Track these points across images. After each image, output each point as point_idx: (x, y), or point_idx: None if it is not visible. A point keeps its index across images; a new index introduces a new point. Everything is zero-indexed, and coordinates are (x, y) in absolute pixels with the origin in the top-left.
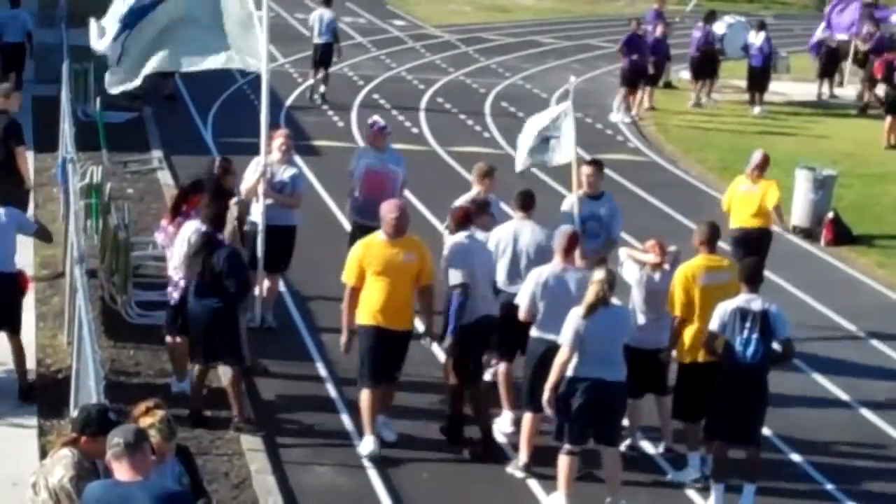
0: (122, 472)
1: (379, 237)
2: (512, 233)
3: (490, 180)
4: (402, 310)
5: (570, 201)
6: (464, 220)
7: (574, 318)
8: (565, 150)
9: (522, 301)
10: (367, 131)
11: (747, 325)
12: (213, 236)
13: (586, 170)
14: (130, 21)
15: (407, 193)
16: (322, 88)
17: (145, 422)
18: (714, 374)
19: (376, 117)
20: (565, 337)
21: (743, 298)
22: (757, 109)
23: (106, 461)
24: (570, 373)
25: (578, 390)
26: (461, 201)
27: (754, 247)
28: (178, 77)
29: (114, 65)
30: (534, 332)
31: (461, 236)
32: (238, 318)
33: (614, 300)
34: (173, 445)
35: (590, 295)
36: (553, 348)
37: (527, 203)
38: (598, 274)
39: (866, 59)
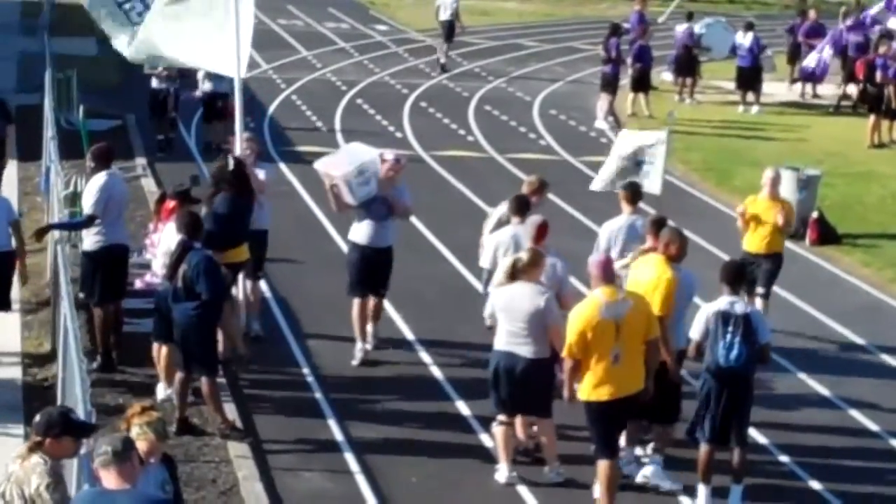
0: (109, 480)
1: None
2: (511, 237)
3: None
4: None
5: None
6: None
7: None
8: (654, 180)
9: (485, 264)
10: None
11: (730, 328)
12: (188, 243)
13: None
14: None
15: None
16: (443, 59)
17: (141, 420)
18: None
19: (388, 154)
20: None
21: (725, 301)
22: (755, 109)
23: (93, 469)
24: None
25: (494, 362)
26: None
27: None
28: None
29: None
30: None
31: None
32: (214, 327)
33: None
34: (164, 446)
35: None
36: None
37: (522, 208)
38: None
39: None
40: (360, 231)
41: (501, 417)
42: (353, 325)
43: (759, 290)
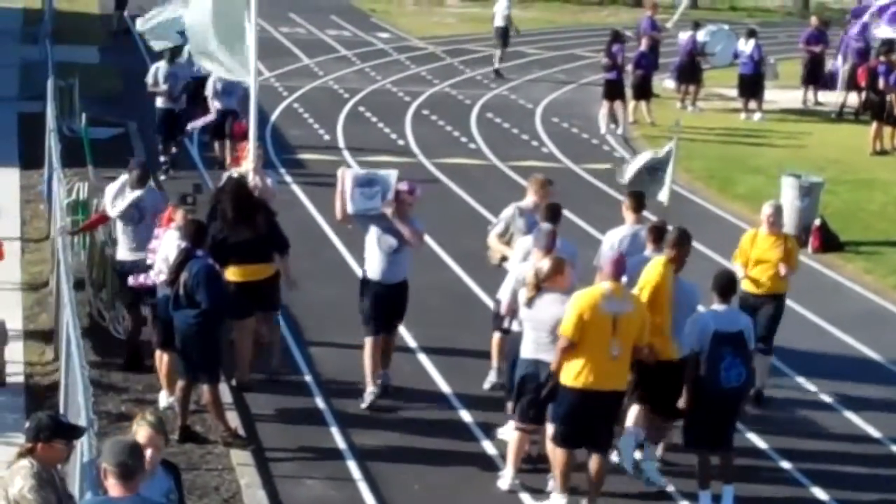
0: (115, 488)
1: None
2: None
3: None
4: None
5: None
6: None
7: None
8: (664, 189)
9: (504, 296)
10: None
11: (728, 349)
12: (191, 251)
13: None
14: None
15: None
16: (497, 64)
17: (140, 415)
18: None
19: (404, 184)
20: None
21: (718, 315)
22: (757, 116)
23: (97, 476)
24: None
25: (522, 370)
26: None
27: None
28: None
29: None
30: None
31: None
32: (216, 335)
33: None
34: (163, 442)
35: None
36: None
37: (556, 215)
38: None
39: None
40: (373, 266)
41: (522, 425)
42: (366, 365)
43: (759, 344)
